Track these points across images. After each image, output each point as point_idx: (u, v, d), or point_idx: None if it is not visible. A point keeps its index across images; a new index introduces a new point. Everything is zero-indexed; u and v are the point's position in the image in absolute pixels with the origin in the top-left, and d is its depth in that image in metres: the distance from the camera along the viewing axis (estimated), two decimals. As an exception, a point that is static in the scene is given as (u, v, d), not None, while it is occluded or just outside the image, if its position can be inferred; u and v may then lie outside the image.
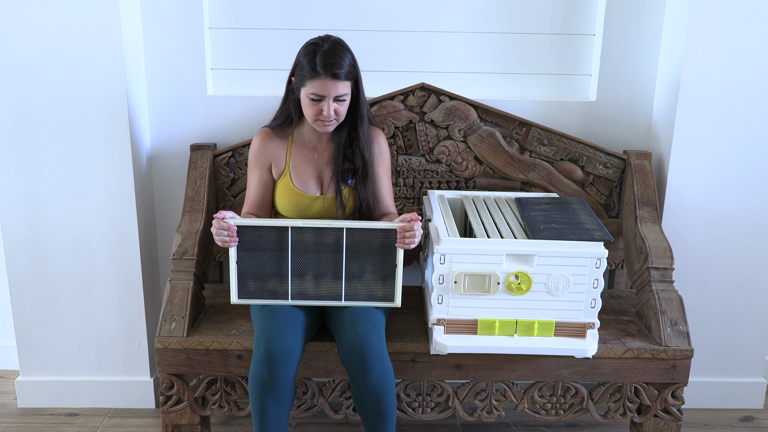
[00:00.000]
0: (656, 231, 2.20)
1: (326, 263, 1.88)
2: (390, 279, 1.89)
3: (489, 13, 2.38)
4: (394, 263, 1.87)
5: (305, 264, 1.88)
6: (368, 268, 1.88)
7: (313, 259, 1.88)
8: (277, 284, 1.90)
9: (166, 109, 2.38)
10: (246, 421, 2.40)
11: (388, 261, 1.87)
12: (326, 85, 1.86)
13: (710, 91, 2.24)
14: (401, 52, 2.40)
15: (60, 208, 2.28)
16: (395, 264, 1.87)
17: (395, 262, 1.87)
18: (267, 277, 1.89)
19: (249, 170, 2.06)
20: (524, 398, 2.04)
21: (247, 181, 2.08)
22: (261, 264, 1.88)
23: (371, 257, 1.87)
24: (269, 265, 1.88)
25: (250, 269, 1.88)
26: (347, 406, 2.05)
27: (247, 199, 2.06)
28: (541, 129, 2.33)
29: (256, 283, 1.90)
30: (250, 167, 2.06)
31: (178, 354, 1.97)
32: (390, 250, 1.87)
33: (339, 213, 2.01)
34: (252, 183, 2.05)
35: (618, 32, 2.35)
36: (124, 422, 2.39)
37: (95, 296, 2.36)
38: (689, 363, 1.99)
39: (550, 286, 1.84)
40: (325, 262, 1.88)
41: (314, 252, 1.87)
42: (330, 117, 1.90)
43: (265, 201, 2.05)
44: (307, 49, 1.90)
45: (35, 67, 2.16)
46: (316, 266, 1.88)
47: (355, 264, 1.88)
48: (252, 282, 1.89)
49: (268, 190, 2.05)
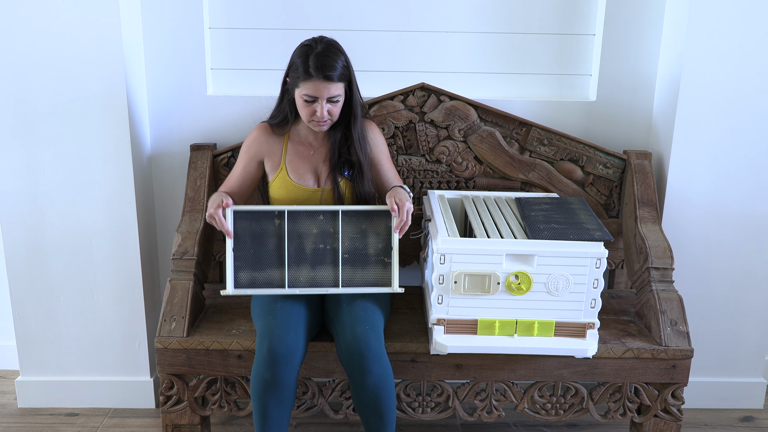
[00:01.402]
0: (656, 231, 2.20)
1: (323, 250, 1.90)
2: (388, 263, 1.91)
3: (489, 13, 2.38)
4: (390, 246, 1.90)
5: (302, 250, 1.90)
6: (365, 252, 1.91)
7: (310, 245, 1.90)
8: (274, 272, 1.91)
9: (166, 109, 2.38)
10: (246, 421, 2.40)
11: (384, 246, 1.90)
12: (319, 87, 1.88)
13: (710, 91, 2.24)
14: (401, 52, 2.40)
15: (60, 208, 2.28)
16: (391, 247, 1.90)
17: (391, 245, 1.90)
18: (264, 265, 1.90)
19: (239, 156, 2.08)
20: (524, 398, 2.04)
21: (233, 167, 2.09)
22: (258, 251, 1.89)
23: (368, 241, 1.90)
24: (266, 253, 1.90)
25: (247, 257, 1.90)
26: (347, 406, 2.05)
27: (226, 182, 2.07)
28: (541, 129, 2.33)
29: (252, 273, 1.90)
30: (241, 154, 2.07)
31: (178, 354, 1.97)
32: (386, 232, 1.89)
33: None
34: (236, 170, 2.07)
35: (618, 32, 2.35)
36: (124, 422, 2.39)
37: (95, 296, 2.36)
38: (689, 363, 1.99)
39: (550, 286, 1.84)
40: (322, 248, 1.90)
41: (311, 238, 1.89)
42: (323, 118, 1.92)
43: (243, 189, 2.06)
44: (300, 50, 1.92)
45: (35, 67, 2.16)
46: (313, 252, 1.90)
47: (352, 249, 1.90)
48: (248, 271, 1.90)
49: (248, 181, 2.07)
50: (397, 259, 1.91)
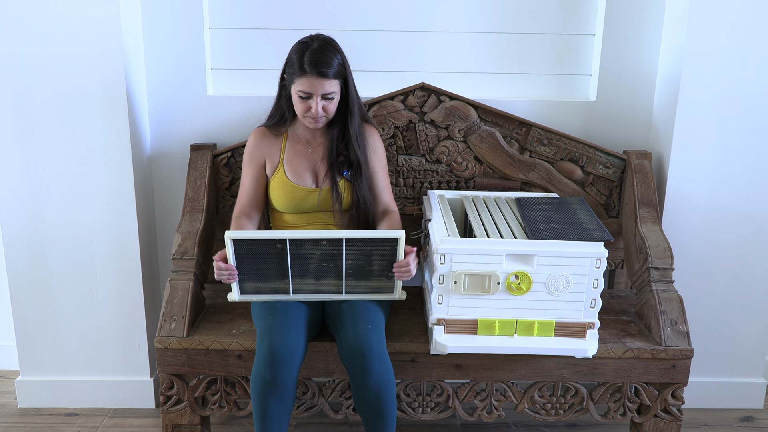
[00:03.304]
0: (656, 231, 2.20)
1: (326, 267, 1.88)
2: (391, 277, 1.90)
3: (489, 12, 2.38)
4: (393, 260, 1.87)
5: (305, 269, 1.88)
6: (369, 268, 1.89)
7: (313, 264, 1.87)
8: (278, 284, 1.90)
9: (166, 109, 2.38)
10: (246, 421, 2.40)
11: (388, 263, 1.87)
12: (313, 83, 1.89)
13: (710, 90, 2.24)
14: (401, 52, 2.40)
15: (60, 208, 2.28)
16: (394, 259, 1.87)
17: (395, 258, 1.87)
18: (268, 280, 1.90)
19: (243, 168, 2.09)
20: (524, 398, 2.04)
21: (241, 179, 2.09)
22: (261, 270, 1.88)
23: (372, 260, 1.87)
24: (269, 271, 1.88)
25: (251, 276, 1.89)
26: (347, 406, 2.05)
27: (240, 196, 2.08)
28: (541, 129, 2.33)
29: (256, 284, 1.90)
30: (245, 165, 2.08)
31: (178, 354, 1.97)
32: (391, 254, 1.86)
33: (335, 207, 2.02)
34: (245, 181, 2.07)
35: (618, 32, 2.35)
36: (124, 422, 2.39)
37: (95, 296, 2.36)
38: (689, 363, 1.99)
39: (550, 286, 1.84)
40: (325, 267, 1.88)
41: (314, 259, 1.87)
42: (318, 114, 1.93)
43: (258, 198, 2.07)
44: (297, 47, 1.94)
45: (36, 67, 2.16)
46: (317, 270, 1.88)
47: (356, 268, 1.88)
48: (252, 284, 1.90)
49: (261, 188, 2.07)
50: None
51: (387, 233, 1.84)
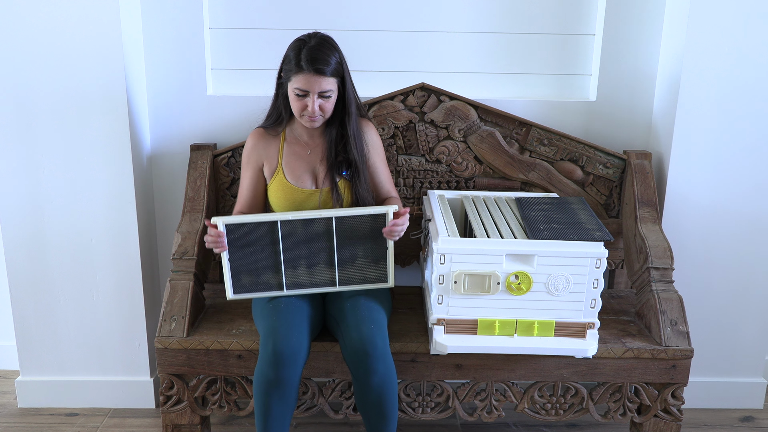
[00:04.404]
0: (656, 231, 2.20)
1: (318, 252, 1.92)
2: (382, 261, 1.94)
3: (489, 13, 2.38)
4: (385, 246, 1.92)
5: (297, 255, 1.92)
6: (360, 253, 1.93)
7: (304, 249, 1.91)
8: (271, 276, 1.92)
9: (166, 109, 2.38)
10: (246, 421, 2.40)
11: (378, 244, 1.91)
12: (310, 81, 1.88)
13: (710, 90, 2.24)
14: (401, 52, 2.40)
15: (60, 208, 2.28)
16: (386, 247, 1.92)
17: (386, 245, 1.92)
18: (260, 270, 1.92)
19: (242, 170, 2.08)
20: (524, 398, 2.04)
21: (240, 181, 2.09)
22: (254, 259, 1.91)
23: (362, 242, 1.91)
24: (262, 259, 1.91)
25: (243, 265, 1.91)
26: (347, 406, 2.05)
27: (239, 198, 2.08)
28: (541, 129, 2.33)
29: (250, 278, 1.93)
30: (243, 167, 2.08)
31: (178, 354, 1.97)
32: (380, 234, 1.91)
33: (336, 207, 2.01)
34: (244, 182, 2.07)
35: (618, 32, 2.35)
36: (124, 422, 2.39)
37: (95, 296, 2.36)
38: (689, 363, 1.99)
39: (550, 286, 1.84)
40: (317, 251, 1.92)
41: (305, 242, 1.91)
42: (315, 112, 1.92)
43: (257, 200, 2.07)
44: (294, 44, 1.93)
45: (36, 67, 2.16)
46: (308, 256, 1.92)
47: (347, 250, 1.92)
48: (246, 276, 1.92)
49: (260, 190, 2.07)
50: (392, 257, 1.94)
51: (376, 209, 1.89)
